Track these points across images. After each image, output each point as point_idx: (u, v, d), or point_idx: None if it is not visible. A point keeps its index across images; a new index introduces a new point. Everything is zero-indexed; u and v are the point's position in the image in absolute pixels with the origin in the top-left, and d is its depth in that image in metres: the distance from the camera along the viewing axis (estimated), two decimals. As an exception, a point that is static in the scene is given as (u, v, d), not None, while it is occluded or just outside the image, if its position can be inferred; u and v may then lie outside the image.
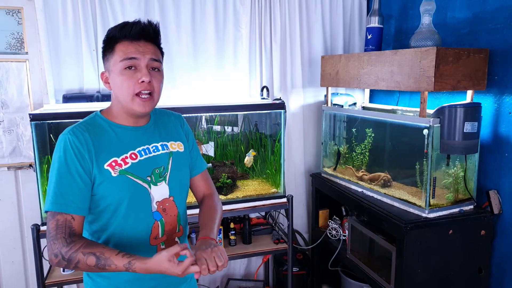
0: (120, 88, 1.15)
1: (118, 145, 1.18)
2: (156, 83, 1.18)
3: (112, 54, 1.16)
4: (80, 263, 1.05)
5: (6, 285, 2.45)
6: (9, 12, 2.24)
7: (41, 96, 2.32)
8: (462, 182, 1.92)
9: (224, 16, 2.53)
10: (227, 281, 2.65)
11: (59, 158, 1.12)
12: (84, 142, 1.13)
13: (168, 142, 1.29)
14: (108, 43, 1.17)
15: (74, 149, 1.11)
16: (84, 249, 1.05)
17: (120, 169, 1.16)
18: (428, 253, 1.82)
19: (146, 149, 1.23)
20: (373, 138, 2.32)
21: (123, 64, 1.14)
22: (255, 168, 2.50)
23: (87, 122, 1.20)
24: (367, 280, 2.11)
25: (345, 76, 2.32)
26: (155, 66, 1.18)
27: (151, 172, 1.21)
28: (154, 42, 1.20)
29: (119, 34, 1.15)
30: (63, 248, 1.06)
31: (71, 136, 1.12)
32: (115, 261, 1.04)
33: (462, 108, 1.75)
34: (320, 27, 2.70)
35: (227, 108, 2.24)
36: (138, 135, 1.23)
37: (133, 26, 1.14)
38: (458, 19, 2.09)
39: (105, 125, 1.20)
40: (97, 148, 1.14)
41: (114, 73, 1.16)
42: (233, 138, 2.48)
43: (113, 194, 1.15)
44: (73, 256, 1.05)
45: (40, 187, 1.93)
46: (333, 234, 2.48)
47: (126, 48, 1.14)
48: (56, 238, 1.07)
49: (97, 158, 1.13)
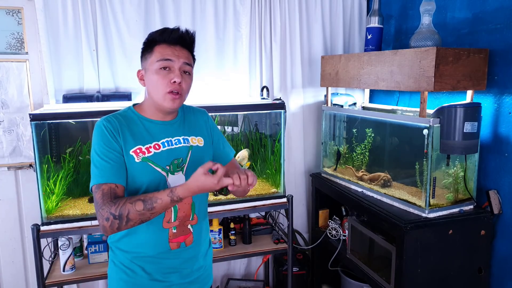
0: (154, 86, 1.28)
1: (144, 135, 1.31)
2: (186, 85, 1.31)
3: (151, 54, 1.29)
4: (131, 213, 1.17)
5: (6, 285, 2.45)
6: (9, 12, 2.24)
7: (41, 96, 2.32)
8: (462, 182, 1.92)
9: (224, 16, 2.53)
10: (227, 281, 2.65)
11: (98, 141, 1.26)
12: (116, 127, 1.28)
13: (190, 136, 1.40)
14: (148, 45, 1.31)
15: (109, 132, 1.26)
16: (130, 200, 1.18)
17: (143, 157, 1.29)
18: (428, 253, 1.82)
19: (169, 141, 1.34)
20: (373, 138, 2.32)
21: (160, 64, 1.27)
22: (255, 168, 2.50)
23: (119, 113, 1.34)
24: (367, 280, 2.11)
25: (345, 76, 2.32)
26: (187, 70, 1.31)
27: (170, 162, 1.32)
28: (189, 49, 1.33)
29: (159, 37, 1.28)
30: (111, 208, 1.17)
31: (106, 122, 1.28)
32: (159, 196, 1.17)
33: (462, 108, 1.75)
34: (320, 27, 2.70)
35: (227, 108, 2.24)
36: (164, 129, 1.35)
37: (173, 32, 1.28)
38: (458, 19, 2.09)
39: (135, 118, 1.34)
40: (126, 135, 1.28)
41: (150, 72, 1.29)
42: (233, 138, 2.48)
43: (134, 178, 1.28)
44: (122, 210, 1.17)
45: (40, 187, 1.93)
46: (333, 234, 2.48)
47: (163, 50, 1.27)
48: (104, 204, 1.19)
49: (125, 144, 1.27)
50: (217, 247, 2.32)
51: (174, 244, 1.35)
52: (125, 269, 1.35)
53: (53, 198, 2.01)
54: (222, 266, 2.78)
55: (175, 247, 1.35)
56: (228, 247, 2.37)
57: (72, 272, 2.06)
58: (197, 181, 1.16)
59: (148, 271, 1.34)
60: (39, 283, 1.93)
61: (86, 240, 2.24)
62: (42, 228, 1.93)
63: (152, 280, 1.34)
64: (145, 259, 1.34)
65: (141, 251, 1.33)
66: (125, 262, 1.35)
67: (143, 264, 1.34)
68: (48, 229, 1.94)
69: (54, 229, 1.94)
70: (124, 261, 1.35)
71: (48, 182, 1.98)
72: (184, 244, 1.36)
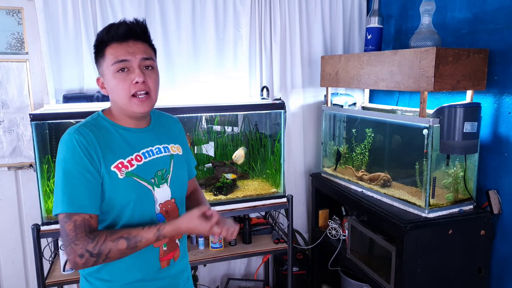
0: (115, 92, 1.14)
1: (123, 146, 1.17)
2: (151, 82, 1.16)
3: (103, 58, 1.15)
4: (112, 251, 1.05)
5: (6, 285, 2.45)
6: (9, 12, 2.24)
7: (41, 96, 2.32)
8: (462, 182, 1.92)
9: (224, 16, 2.53)
10: (227, 281, 2.65)
11: (66, 159, 1.09)
12: (91, 142, 1.11)
13: (169, 144, 1.29)
14: (98, 48, 1.16)
15: (82, 148, 1.09)
16: (110, 237, 1.06)
17: (127, 171, 1.15)
18: (428, 253, 1.82)
19: (149, 151, 1.22)
20: (373, 138, 2.32)
21: (115, 67, 1.12)
22: (255, 168, 2.50)
23: (90, 122, 1.17)
24: (367, 280, 2.11)
25: (345, 76, 2.32)
26: (147, 64, 1.16)
27: (154, 174, 1.21)
28: (144, 40, 1.18)
29: (106, 37, 1.14)
30: (88, 245, 1.04)
31: (78, 135, 1.10)
32: (144, 234, 1.07)
33: (462, 108, 1.75)
34: (320, 27, 2.70)
35: (227, 108, 2.24)
36: (142, 137, 1.22)
37: (119, 27, 1.13)
38: (458, 19, 2.09)
39: (109, 126, 1.18)
40: (104, 149, 1.13)
41: (108, 77, 1.15)
42: (233, 138, 2.48)
43: (120, 196, 1.14)
44: (102, 248, 1.05)
45: (40, 187, 1.93)
46: (333, 234, 2.48)
47: (115, 51, 1.13)
48: (77, 238, 1.05)
49: (104, 159, 1.12)
50: (217, 247, 2.32)
51: (164, 263, 1.24)
52: None
53: (53, 198, 2.01)
54: (222, 266, 2.78)
55: (165, 265, 1.25)
56: (228, 247, 2.37)
57: (72, 272, 2.06)
58: (190, 223, 1.10)
59: None
60: (39, 283, 1.93)
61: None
62: (42, 228, 1.93)
63: None
64: (133, 285, 1.20)
65: (128, 277, 1.19)
66: None
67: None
68: (48, 229, 1.94)
69: (54, 229, 1.94)
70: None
71: (48, 182, 1.98)
72: (173, 260, 1.27)
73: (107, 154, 1.13)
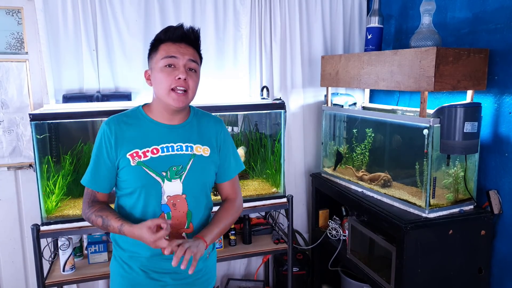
0: (159, 83, 1.27)
1: (144, 138, 1.32)
2: (192, 82, 1.29)
3: (156, 53, 1.29)
4: (93, 222, 1.31)
5: (6, 285, 2.45)
6: (9, 12, 2.24)
7: (41, 96, 2.32)
8: (462, 182, 1.92)
9: (224, 16, 2.53)
10: (227, 281, 2.65)
11: (95, 144, 1.33)
12: (114, 132, 1.30)
13: (195, 144, 1.37)
14: (153, 45, 1.31)
15: (106, 137, 1.30)
16: (96, 212, 1.30)
17: (139, 160, 1.29)
18: (428, 253, 1.82)
19: (170, 146, 1.33)
20: (373, 138, 2.32)
21: (164, 62, 1.26)
22: (255, 168, 2.50)
23: (126, 113, 1.37)
24: (367, 280, 2.11)
25: (345, 76, 2.32)
26: (192, 67, 1.30)
27: (168, 168, 1.31)
28: (194, 46, 1.33)
29: (163, 36, 1.29)
30: (85, 210, 1.33)
31: (106, 126, 1.31)
32: (112, 223, 1.26)
33: (462, 108, 1.75)
34: (320, 27, 2.70)
35: (227, 108, 2.24)
36: (167, 133, 1.34)
37: (176, 29, 1.29)
38: (458, 19, 2.09)
39: (141, 119, 1.35)
40: (125, 138, 1.30)
41: (156, 70, 1.28)
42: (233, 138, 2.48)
43: (130, 180, 1.31)
44: (89, 216, 1.32)
45: (40, 187, 1.92)
46: (333, 234, 2.48)
47: (168, 48, 1.27)
48: (84, 201, 1.35)
49: (122, 147, 1.30)
50: (217, 247, 2.32)
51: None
52: (124, 265, 1.37)
53: (53, 198, 2.01)
54: (222, 266, 2.78)
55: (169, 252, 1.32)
56: (228, 247, 2.37)
57: (72, 272, 2.06)
58: (140, 231, 1.19)
59: (144, 269, 1.35)
60: (39, 283, 1.93)
61: (86, 240, 2.24)
62: (42, 228, 1.93)
63: (148, 278, 1.35)
64: (141, 258, 1.35)
65: (136, 251, 1.35)
66: (124, 258, 1.38)
67: (139, 263, 1.36)
68: (48, 229, 1.94)
69: (54, 229, 1.94)
70: (123, 257, 1.38)
71: (48, 182, 1.98)
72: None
73: (127, 142, 1.30)
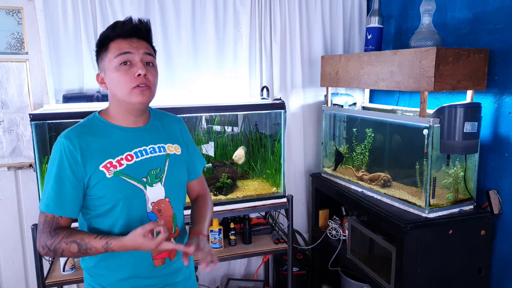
0: (117, 84, 1.16)
1: (113, 146, 1.19)
2: (152, 77, 1.19)
3: (107, 52, 1.17)
4: (65, 252, 1.14)
5: (6, 285, 2.45)
6: (9, 12, 2.24)
7: (41, 96, 2.32)
8: (462, 182, 1.92)
9: (224, 16, 2.53)
10: (227, 281, 2.65)
11: (53, 162, 1.16)
12: (78, 145, 1.15)
13: (166, 144, 1.29)
14: (101, 44, 1.19)
15: (67, 153, 1.14)
16: (66, 239, 1.13)
17: (115, 171, 1.17)
18: (428, 253, 1.82)
19: (143, 150, 1.23)
20: (373, 138, 2.32)
21: (118, 59, 1.15)
22: (255, 168, 2.50)
23: (84, 124, 1.22)
24: (367, 280, 2.11)
25: (345, 76, 2.32)
26: (149, 60, 1.19)
27: (147, 173, 1.22)
28: (146, 39, 1.22)
29: (112, 33, 1.17)
30: (48, 241, 1.14)
31: (66, 140, 1.15)
32: (94, 244, 1.11)
33: (462, 108, 1.75)
34: (320, 27, 2.70)
35: (227, 108, 2.24)
36: (135, 136, 1.23)
37: (125, 24, 1.17)
38: (458, 19, 2.09)
39: (103, 126, 1.21)
40: (92, 150, 1.16)
41: (110, 71, 1.17)
42: (233, 138, 2.48)
43: (108, 195, 1.17)
44: (57, 247, 1.13)
45: (40, 187, 1.92)
46: (333, 234, 2.48)
47: (119, 45, 1.16)
48: (43, 231, 1.15)
49: (92, 160, 1.16)
50: (217, 247, 2.32)
51: (158, 261, 1.26)
52: None
53: (53, 198, 2.01)
54: (222, 266, 2.78)
55: (159, 263, 1.26)
56: (228, 247, 2.37)
57: (72, 272, 2.06)
58: (134, 241, 1.09)
59: None
60: (39, 283, 1.93)
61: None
62: (42, 228, 1.93)
63: None
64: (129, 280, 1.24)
65: (121, 274, 1.23)
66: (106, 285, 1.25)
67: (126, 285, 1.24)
68: (48, 229, 1.94)
69: (54, 229, 1.94)
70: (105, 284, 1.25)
71: (46, 182, 1.98)
72: (168, 259, 1.28)
73: (95, 154, 1.17)
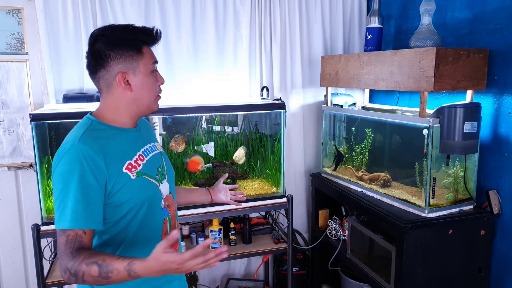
0: (148, 89, 1.17)
1: (126, 147, 1.16)
2: None
3: (141, 55, 1.15)
4: (85, 275, 0.99)
5: (6, 285, 2.45)
6: (9, 12, 2.24)
7: (41, 96, 2.32)
8: (462, 182, 1.92)
9: (224, 16, 2.53)
10: (227, 281, 2.65)
11: (71, 172, 1.04)
12: (98, 150, 1.07)
13: (154, 142, 1.33)
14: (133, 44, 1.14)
15: (88, 160, 1.04)
16: (87, 260, 1.00)
17: (137, 171, 1.15)
18: (428, 253, 1.82)
19: (146, 149, 1.24)
20: (372, 138, 2.32)
21: (153, 67, 1.19)
22: (255, 168, 2.50)
23: (89, 129, 1.12)
24: (367, 280, 2.11)
25: (345, 76, 2.32)
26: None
27: (156, 170, 1.24)
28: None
29: (146, 38, 1.17)
30: (69, 263, 1.01)
31: (84, 146, 1.05)
32: (116, 265, 0.98)
33: (462, 108, 1.75)
34: (320, 27, 2.70)
35: (227, 108, 2.24)
36: (137, 137, 1.23)
37: (153, 32, 1.17)
38: (458, 19, 2.09)
39: (107, 129, 1.16)
40: (111, 153, 1.10)
41: (144, 75, 1.16)
42: (233, 138, 2.48)
43: (134, 197, 1.13)
44: (78, 269, 0.99)
45: (40, 187, 1.93)
46: (333, 234, 2.48)
47: (150, 52, 1.19)
48: (65, 253, 1.02)
49: (114, 164, 1.10)
50: (217, 247, 2.32)
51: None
52: None
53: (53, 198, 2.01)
54: (222, 266, 2.78)
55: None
56: (228, 247, 2.37)
57: (72, 272, 2.06)
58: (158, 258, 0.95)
59: None
60: (39, 283, 1.93)
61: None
62: (42, 228, 1.93)
63: None
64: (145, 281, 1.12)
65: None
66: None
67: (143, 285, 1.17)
68: (48, 229, 1.94)
69: (54, 229, 1.92)
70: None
71: (48, 182, 1.98)
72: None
73: (115, 158, 1.11)
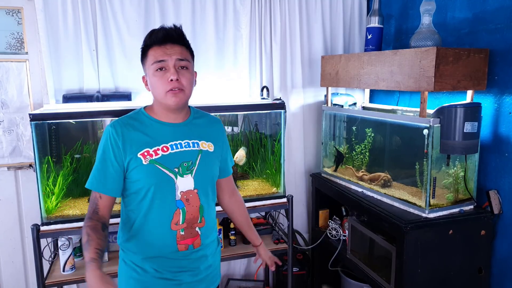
0: (155, 88, 1.33)
1: (152, 138, 1.35)
2: (185, 80, 1.32)
3: (146, 59, 1.33)
4: (83, 236, 1.25)
5: (6, 285, 2.45)
6: (9, 12, 2.24)
7: (41, 96, 2.32)
8: (462, 182, 1.92)
9: (224, 16, 2.53)
10: (227, 281, 2.65)
11: (100, 147, 1.34)
12: (120, 133, 1.32)
13: (200, 140, 1.42)
14: (143, 51, 1.35)
15: (111, 139, 1.31)
16: (87, 229, 1.25)
17: (151, 159, 1.33)
18: (428, 253, 1.81)
19: (178, 144, 1.37)
20: (373, 138, 2.32)
21: (154, 66, 1.30)
22: (255, 168, 2.50)
23: (130, 116, 1.39)
24: (367, 280, 2.11)
25: (345, 76, 2.32)
26: (182, 65, 1.32)
27: (179, 164, 1.36)
28: (181, 43, 1.34)
29: (149, 41, 1.32)
30: (85, 220, 1.29)
31: (112, 128, 1.33)
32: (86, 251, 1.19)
33: (462, 108, 1.75)
34: (320, 27, 2.70)
35: (227, 108, 2.24)
36: (173, 131, 1.38)
37: (158, 32, 1.31)
38: (458, 19, 2.09)
39: (146, 120, 1.37)
40: (133, 139, 1.32)
41: (149, 76, 1.33)
42: (233, 138, 2.48)
43: (142, 179, 1.32)
44: (83, 228, 1.26)
45: (40, 187, 1.92)
46: (333, 234, 2.48)
47: (155, 52, 1.30)
48: (88, 210, 1.32)
49: (131, 148, 1.32)
50: (217, 247, 2.32)
51: (182, 246, 1.37)
52: (136, 268, 1.38)
53: (53, 198, 2.01)
54: (222, 266, 2.75)
55: (183, 249, 1.38)
56: (228, 247, 2.37)
57: (72, 272, 2.06)
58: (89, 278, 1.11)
59: (158, 269, 1.37)
60: (39, 283, 1.93)
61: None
62: (42, 228, 1.93)
63: (161, 278, 1.37)
64: (155, 259, 1.37)
65: (149, 252, 1.37)
66: (136, 261, 1.38)
67: (153, 263, 1.37)
68: (48, 229, 1.94)
69: (54, 229, 1.94)
70: (135, 260, 1.39)
71: (48, 182, 1.98)
72: (192, 247, 1.39)
73: (135, 143, 1.32)
